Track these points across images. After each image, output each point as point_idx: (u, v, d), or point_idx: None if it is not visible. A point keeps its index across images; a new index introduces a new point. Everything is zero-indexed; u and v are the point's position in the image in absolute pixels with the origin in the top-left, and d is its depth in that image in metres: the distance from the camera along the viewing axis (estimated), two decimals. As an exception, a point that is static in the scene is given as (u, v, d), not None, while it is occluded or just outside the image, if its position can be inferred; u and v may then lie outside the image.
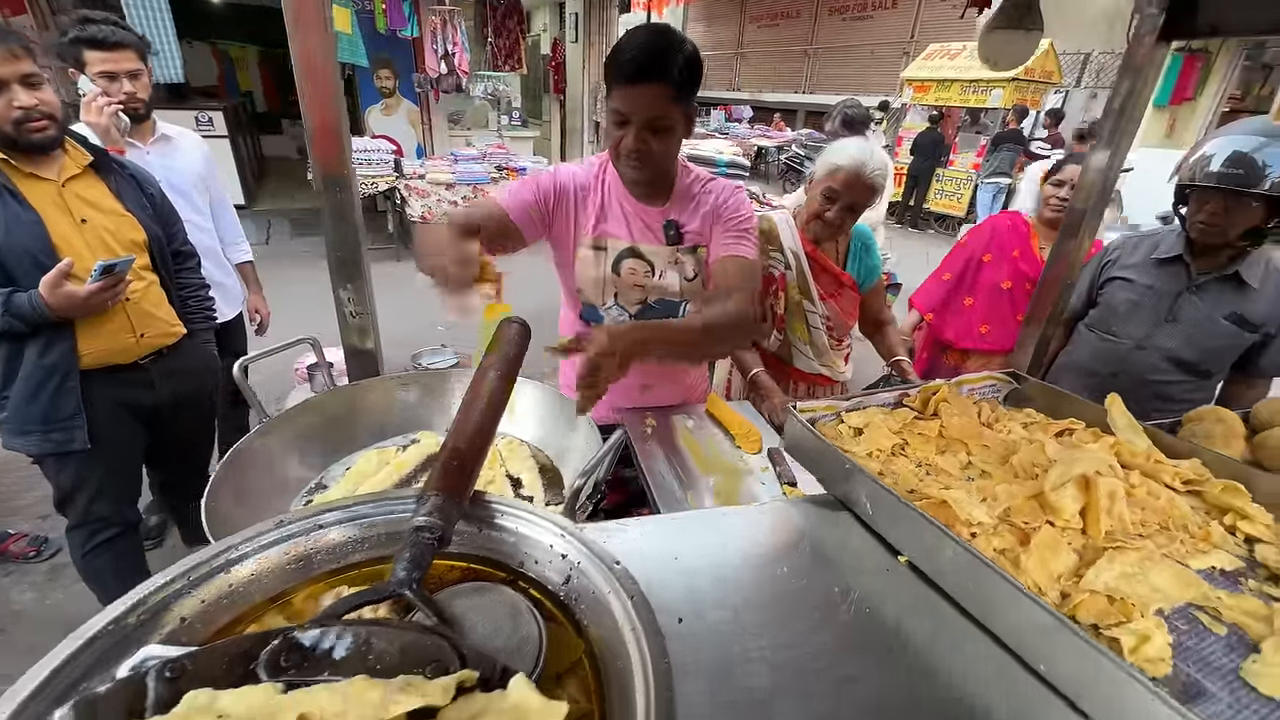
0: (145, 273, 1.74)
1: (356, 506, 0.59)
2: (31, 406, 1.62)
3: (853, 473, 0.69)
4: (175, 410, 1.90)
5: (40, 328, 1.53)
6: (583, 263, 1.39)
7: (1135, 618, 0.55)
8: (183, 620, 0.48)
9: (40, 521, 2.66)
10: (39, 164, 1.53)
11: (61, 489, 1.80)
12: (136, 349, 1.73)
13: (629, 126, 1.19)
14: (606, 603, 0.50)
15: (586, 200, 1.37)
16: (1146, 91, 1.54)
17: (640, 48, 1.12)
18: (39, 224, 1.51)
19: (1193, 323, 1.78)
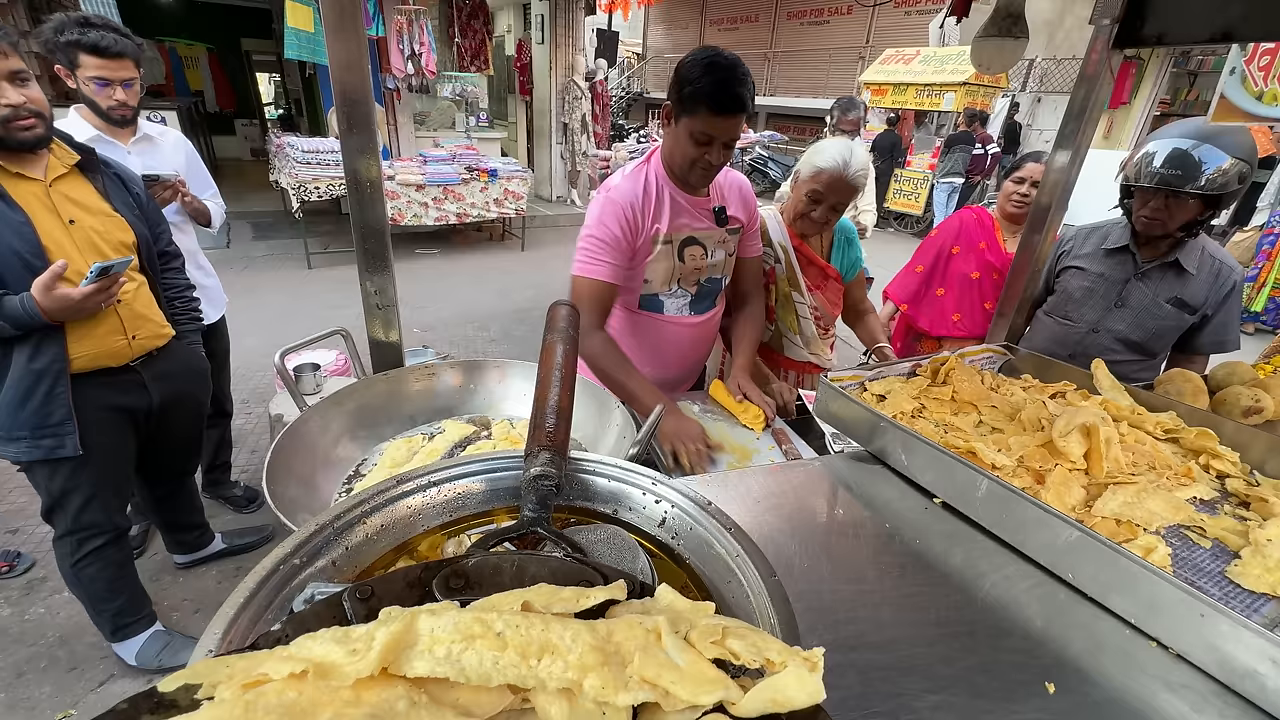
0: (135, 274, 1.71)
1: (476, 463, 0.65)
2: (20, 413, 1.56)
3: (888, 429, 0.78)
4: (166, 412, 1.86)
5: (30, 331, 1.48)
6: (656, 259, 1.53)
7: (1140, 535, 0.66)
8: (334, 563, 0.53)
9: (10, 536, 2.55)
10: (25, 164, 1.48)
11: (51, 496, 1.74)
12: (128, 351, 1.69)
13: (713, 146, 1.36)
14: (707, 536, 0.57)
15: (647, 211, 1.49)
16: (1102, 95, 1.69)
17: (729, 84, 1.28)
18: (27, 225, 1.46)
19: (1139, 307, 1.95)
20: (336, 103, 1.11)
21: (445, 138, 7.78)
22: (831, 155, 1.81)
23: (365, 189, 1.19)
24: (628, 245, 1.47)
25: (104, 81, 1.96)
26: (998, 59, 1.51)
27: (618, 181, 1.52)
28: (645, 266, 1.54)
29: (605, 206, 1.46)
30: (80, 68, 1.92)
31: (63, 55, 1.91)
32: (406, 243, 7.10)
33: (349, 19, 1.04)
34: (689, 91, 1.30)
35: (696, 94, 1.29)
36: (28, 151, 1.45)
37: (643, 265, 1.54)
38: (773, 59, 13.79)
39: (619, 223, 1.44)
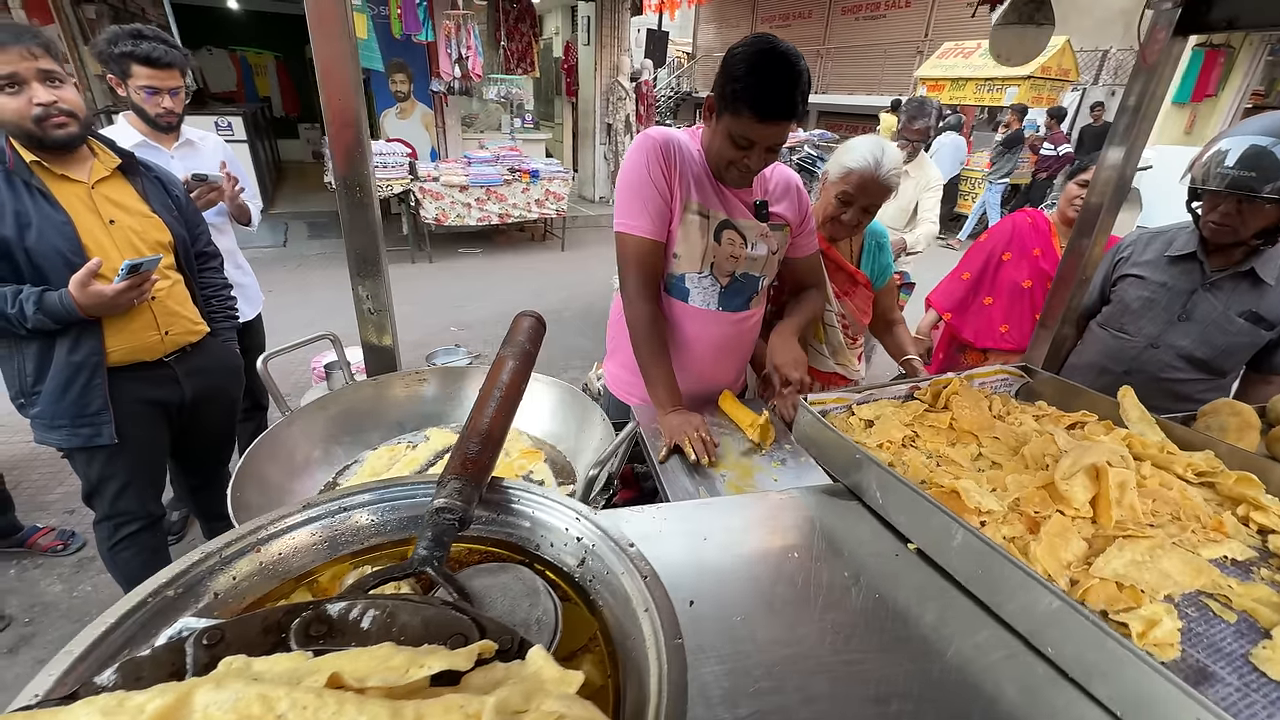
0: (170, 272, 1.78)
1: (380, 490, 0.61)
2: (60, 402, 1.66)
3: (863, 462, 0.70)
4: (198, 406, 1.94)
5: (69, 325, 1.57)
6: (688, 227, 1.41)
7: (1144, 603, 0.56)
8: (216, 595, 0.50)
9: (67, 516, 2.73)
10: (69, 166, 1.57)
11: (89, 482, 1.84)
12: (161, 346, 1.77)
13: (753, 150, 1.24)
14: (620, 583, 0.52)
15: (689, 161, 1.37)
16: (1162, 88, 1.52)
17: (780, 90, 1.15)
18: (69, 224, 1.55)
19: (1207, 320, 1.76)
20: (323, 103, 1.10)
21: (491, 139, 7.92)
22: (862, 154, 1.70)
23: (355, 192, 1.18)
24: (665, 187, 1.34)
25: (153, 90, 2.07)
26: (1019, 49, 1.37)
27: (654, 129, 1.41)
28: (675, 238, 1.41)
29: (640, 145, 1.34)
30: (132, 77, 2.03)
31: (115, 66, 2.02)
32: (451, 242, 7.25)
33: (330, 19, 1.03)
34: (733, 89, 1.17)
35: (740, 94, 1.16)
36: (63, 150, 1.52)
37: (674, 232, 1.41)
38: (824, 55, 13.42)
39: (656, 158, 1.32)
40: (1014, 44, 1.39)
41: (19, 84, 1.41)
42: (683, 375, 1.50)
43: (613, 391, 1.76)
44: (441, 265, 6.65)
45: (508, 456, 1.19)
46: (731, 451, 1.42)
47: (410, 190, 6.19)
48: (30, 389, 1.65)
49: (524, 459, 1.19)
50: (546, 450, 1.24)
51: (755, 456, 1.40)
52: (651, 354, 1.39)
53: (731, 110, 1.20)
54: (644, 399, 1.52)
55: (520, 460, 1.19)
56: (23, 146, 1.49)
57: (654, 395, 1.38)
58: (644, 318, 1.40)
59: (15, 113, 1.42)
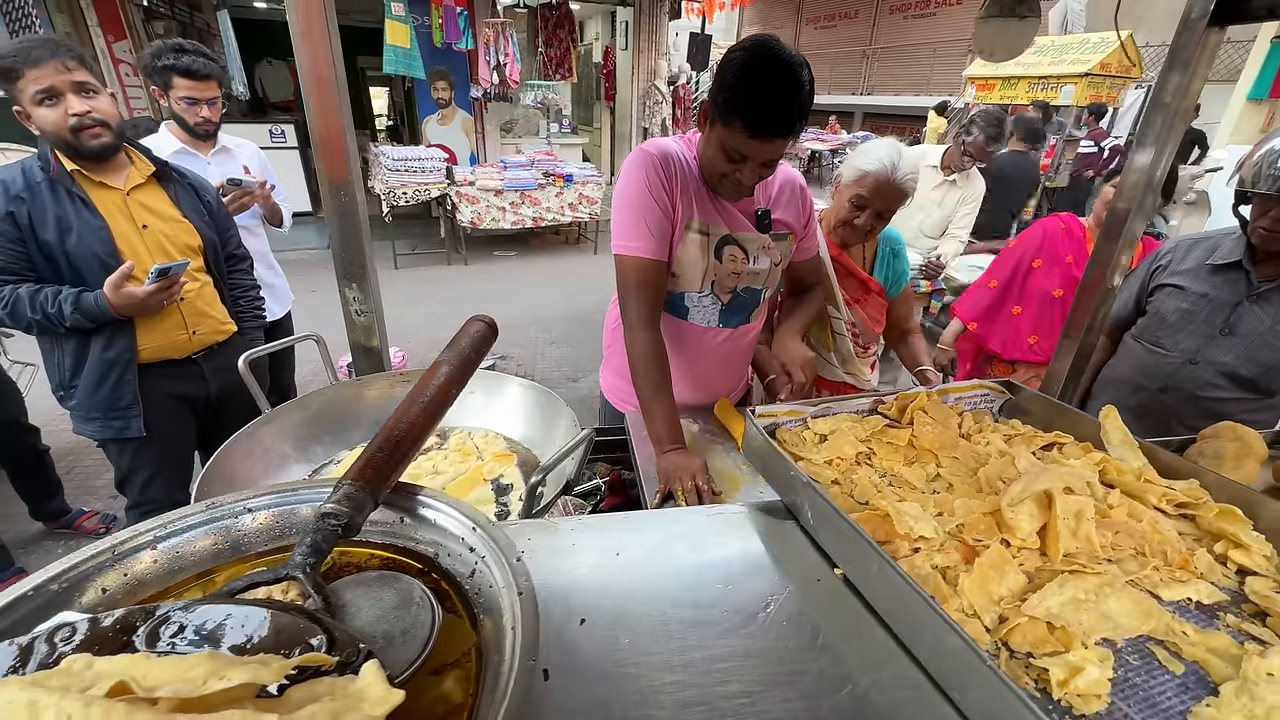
0: (199, 274, 1.87)
1: (286, 493, 0.62)
2: (95, 396, 1.77)
3: (795, 481, 0.67)
4: (224, 402, 2.03)
5: (104, 324, 1.66)
6: (688, 246, 1.34)
7: (1075, 646, 0.51)
8: (104, 591, 0.51)
9: (111, 501, 2.90)
10: (107, 173, 1.67)
11: (120, 471, 1.96)
12: (189, 345, 1.87)
13: (746, 165, 1.16)
14: (499, 597, 0.50)
15: (687, 178, 1.30)
16: (1197, 82, 1.42)
17: (776, 106, 1.06)
18: (105, 229, 1.65)
19: (1253, 335, 1.62)
20: (307, 109, 1.13)
21: (528, 144, 8.05)
22: (877, 156, 1.64)
23: (340, 195, 1.21)
24: (666, 203, 1.25)
25: (192, 100, 2.20)
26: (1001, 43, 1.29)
27: (650, 142, 1.32)
28: (675, 257, 1.34)
29: (636, 162, 1.25)
30: (173, 89, 2.17)
31: (158, 78, 2.16)
32: (486, 245, 7.40)
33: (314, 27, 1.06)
34: (725, 99, 1.08)
35: (734, 105, 1.07)
36: (97, 158, 1.62)
37: (673, 249, 1.33)
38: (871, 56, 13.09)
39: (654, 175, 1.23)
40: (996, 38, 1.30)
41: (56, 96, 1.51)
42: (680, 386, 1.43)
43: (608, 398, 1.74)
44: (476, 268, 6.80)
45: (480, 460, 1.20)
46: (718, 460, 1.39)
47: (447, 194, 6.34)
48: (68, 383, 1.77)
49: (496, 462, 1.19)
50: (521, 453, 1.24)
51: (743, 468, 1.36)
52: (653, 387, 1.29)
53: (724, 121, 1.11)
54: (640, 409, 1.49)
55: (492, 464, 1.19)
56: (64, 156, 1.59)
57: (652, 430, 1.30)
58: (646, 347, 1.29)
59: (54, 124, 1.52)
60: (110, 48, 5.92)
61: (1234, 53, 7.95)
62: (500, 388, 1.30)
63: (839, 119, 12.92)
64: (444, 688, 0.47)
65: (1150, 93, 8.28)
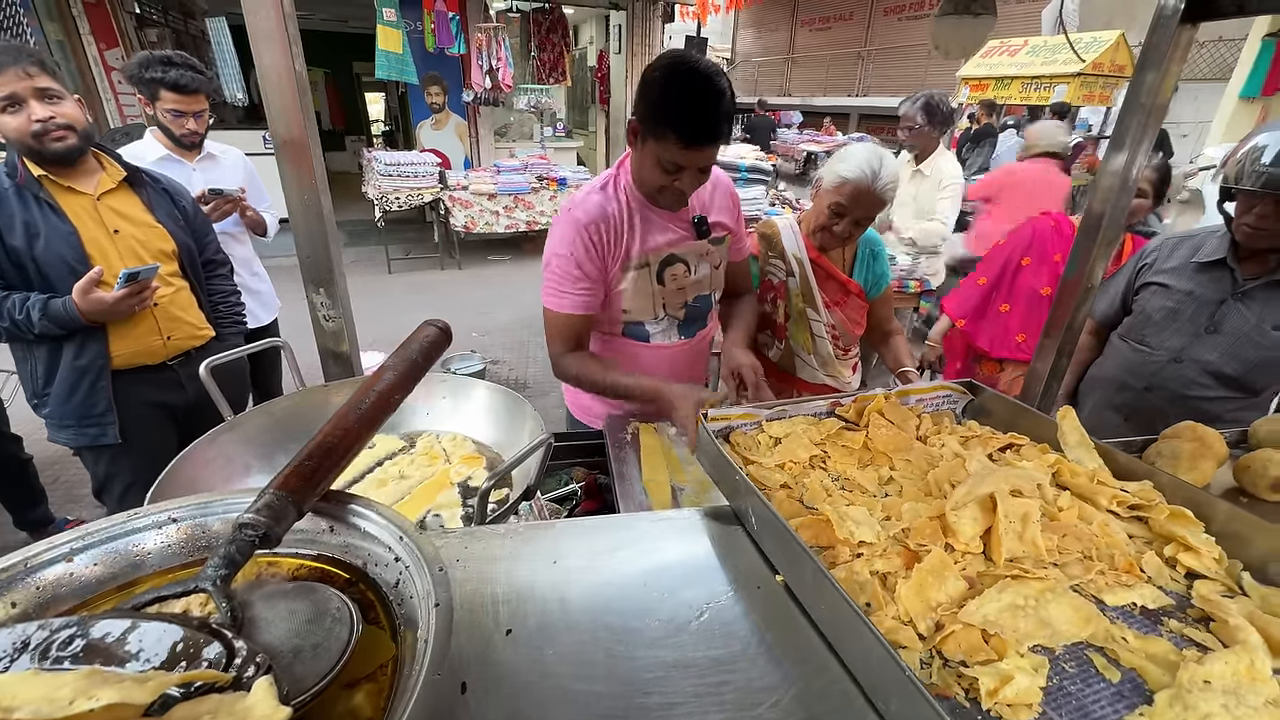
0: (173, 279, 1.86)
1: (208, 503, 0.61)
2: (67, 404, 1.75)
3: (740, 485, 0.66)
4: (203, 410, 2.01)
5: (75, 331, 1.65)
6: (631, 285, 1.40)
7: (1008, 654, 0.49)
8: (13, 605, 0.50)
9: (97, 510, 2.88)
10: (76, 179, 1.66)
11: (98, 479, 1.94)
12: (164, 350, 1.85)
13: (683, 174, 1.21)
14: (419, 609, 0.49)
15: (620, 231, 1.35)
16: (1170, 79, 1.41)
17: (699, 115, 1.11)
18: (74, 234, 1.63)
19: (1237, 333, 1.61)
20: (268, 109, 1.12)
21: (522, 148, 8.05)
22: (857, 164, 1.60)
23: (303, 197, 1.20)
24: (597, 271, 1.34)
25: (179, 113, 2.19)
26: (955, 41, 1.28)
27: (582, 197, 1.37)
28: (620, 297, 1.41)
29: (569, 228, 1.32)
30: (160, 100, 2.16)
31: (145, 89, 2.14)
32: (480, 249, 7.40)
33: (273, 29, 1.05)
34: (654, 114, 1.14)
35: (663, 119, 1.12)
36: (62, 162, 1.60)
37: (614, 296, 1.41)
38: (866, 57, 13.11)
39: (585, 247, 1.31)
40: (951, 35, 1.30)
41: (18, 103, 1.50)
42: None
43: (576, 416, 1.72)
44: (470, 272, 6.80)
45: (448, 463, 1.18)
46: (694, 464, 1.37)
47: (440, 199, 6.35)
48: (41, 391, 1.75)
49: (464, 465, 1.18)
50: (490, 456, 1.22)
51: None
52: (610, 380, 1.36)
53: (655, 136, 1.16)
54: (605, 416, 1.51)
55: (460, 466, 1.18)
56: (31, 161, 1.58)
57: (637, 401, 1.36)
58: (578, 360, 1.40)
59: (17, 130, 1.51)
60: (103, 55, 5.93)
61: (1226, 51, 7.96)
62: (468, 391, 1.29)
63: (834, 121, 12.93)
64: (354, 702, 0.46)
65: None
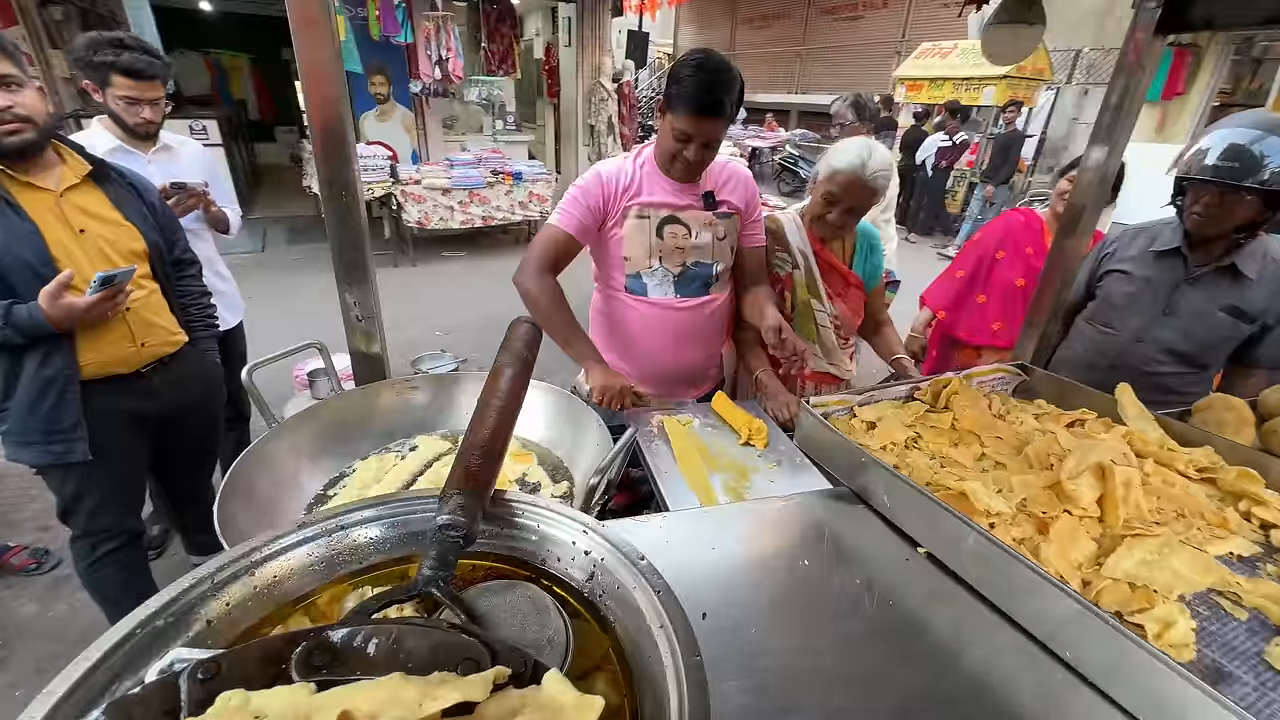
0: (145, 281, 1.72)
1: (378, 507, 0.59)
2: (32, 418, 1.59)
3: (869, 465, 0.69)
4: (179, 419, 1.88)
5: (39, 339, 1.51)
6: (631, 230, 1.58)
7: (1158, 604, 0.56)
8: (209, 623, 0.48)
9: (41, 534, 2.63)
10: (35, 174, 1.50)
11: (64, 500, 1.77)
12: (138, 358, 1.71)
13: (690, 143, 1.44)
14: (633, 598, 0.50)
15: (629, 184, 1.57)
16: (1143, 86, 1.55)
17: (710, 88, 1.36)
18: (36, 235, 1.48)
19: (1190, 315, 1.78)
20: (307, 105, 1.07)
21: (472, 141, 7.85)
22: (848, 155, 1.69)
23: (341, 196, 1.15)
24: (595, 205, 1.54)
25: (133, 100, 1.99)
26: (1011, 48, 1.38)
27: (614, 158, 1.62)
28: (621, 242, 1.58)
29: (590, 174, 1.57)
30: (111, 86, 1.95)
31: (94, 74, 1.94)
32: (434, 246, 7.17)
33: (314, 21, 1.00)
34: (674, 90, 1.38)
35: (680, 94, 1.37)
36: (16, 157, 1.45)
37: (616, 240, 1.59)
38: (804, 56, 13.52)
39: (596, 186, 1.54)
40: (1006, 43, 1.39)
41: None
42: (650, 363, 1.71)
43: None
44: (425, 269, 6.58)
45: (499, 462, 1.17)
46: (726, 452, 1.41)
47: (392, 193, 6.11)
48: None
49: (515, 462, 1.17)
50: (539, 453, 1.22)
51: (752, 456, 1.39)
52: (564, 324, 1.54)
53: (673, 109, 1.41)
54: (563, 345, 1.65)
55: (512, 464, 1.17)
56: None
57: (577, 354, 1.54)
58: (547, 288, 1.54)
59: None
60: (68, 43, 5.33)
61: (1129, 58, 8.66)
62: (514, 390, 1.28)
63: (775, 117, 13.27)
64: (598, 690, 0.47)
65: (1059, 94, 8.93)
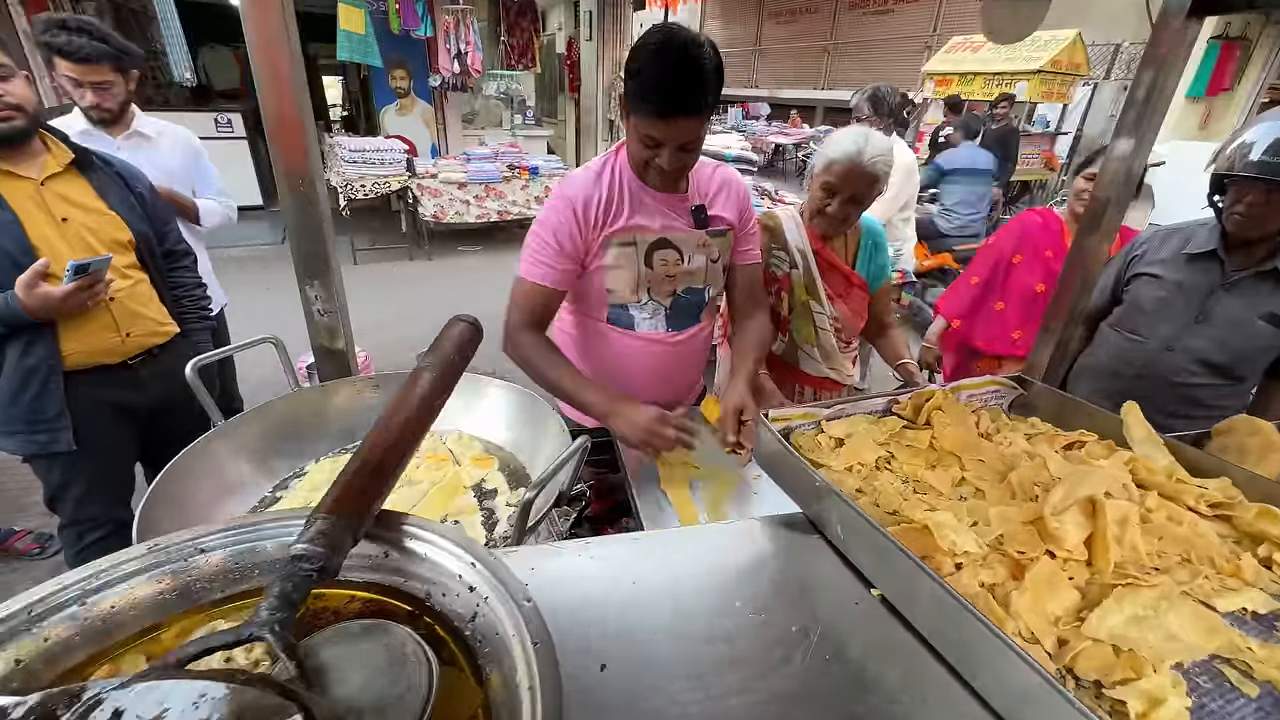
0: (131, 271, 1.71)
1: (246, 528, 0.53)
2: (14, 407, 1.59)
3: (823, 491, 0.61)
4: (167, 411, 1.87)
5: (19, 329, 1.50)
6: (614, 261, 1.34)
7: (1147, 673, 0.46)
8: (18, 663, 0.42)
9: (45, 519, 2.67)
10: (17, 161, 1.49)
11: (50, 488, 1.79)
12: (123, 349, 1.70)
13: (660, 149, 1.17)
14: (509, 647, 0.43)
15: (605, 208, 1.31)
16: (1174, 75, 1.42)
17: (669, 83, 1.08)
18: (15, 223, 1.47)
19: (1226, 323, 1.65)
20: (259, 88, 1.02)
21: (491, 136, 7.85)
22: (843, 143, 1.61)
23: (297, 185, 1.10)
24: (573, 248, 1.30)
25: (76, 83, 1.95)
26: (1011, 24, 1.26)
27: (574, 174, 1.35)
28: (604, 274, 1.36)
29: (554, 201, 1.31)
30: (55, 68, 1.92)
31: (43, 54, 1.91)
32: (450, 240, 7.19)
33: (265, -3, 0.95)
34: (632, 87, 1.12)
35: (638, 90, 1.11)
36: (8, 144, 1.45)
37: (598, 272, 1.36)
38: (832, 51, 13.23)
39: (564, 221, 1.28)
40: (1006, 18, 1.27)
41: None
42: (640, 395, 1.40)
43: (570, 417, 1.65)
44: (441, 263, 6.59)
45: (458, 465, 1.11)
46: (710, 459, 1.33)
47: (408, 187, 6.13)
48: (-18, 394, 1.59)
49: (475, 467, 1.11)
50: (503, 458, 1.16)
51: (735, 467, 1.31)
52: (566, 374, 1.30)
53: (635, 109, 1.14)
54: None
55: (471, 469, 1.10)
56: None
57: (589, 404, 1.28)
58: (534, 341, 1.32)
59: None
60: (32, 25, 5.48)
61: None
62: (480, 390, 1.22)
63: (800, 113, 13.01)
64: (451, 762, 0.40)
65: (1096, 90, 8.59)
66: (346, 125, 11.15)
